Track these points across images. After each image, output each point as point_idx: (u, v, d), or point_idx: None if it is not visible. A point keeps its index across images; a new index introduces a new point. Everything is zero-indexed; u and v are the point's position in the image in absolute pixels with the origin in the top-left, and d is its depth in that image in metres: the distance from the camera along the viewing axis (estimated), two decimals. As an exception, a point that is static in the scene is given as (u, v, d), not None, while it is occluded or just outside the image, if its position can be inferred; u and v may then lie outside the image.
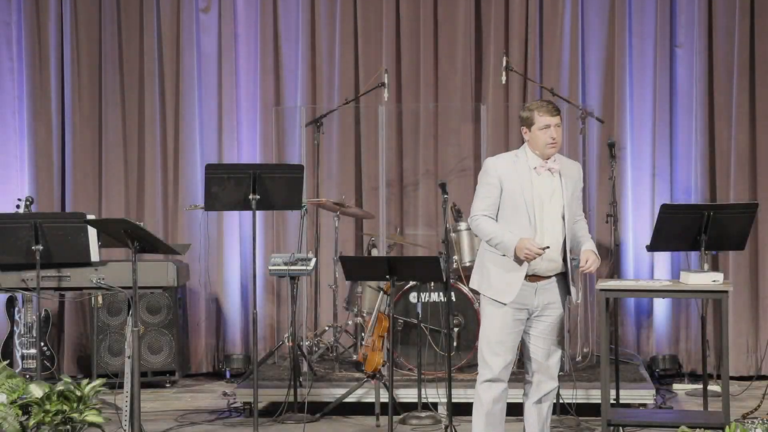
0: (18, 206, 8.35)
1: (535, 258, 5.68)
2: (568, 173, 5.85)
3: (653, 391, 7.64)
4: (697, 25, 9.02)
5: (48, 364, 8.73)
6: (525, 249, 5.66)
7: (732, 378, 8.73)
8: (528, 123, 5.80)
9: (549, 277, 5.83)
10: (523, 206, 5.74)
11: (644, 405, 7.57)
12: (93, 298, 8.56)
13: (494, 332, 5.84)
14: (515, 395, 7.63)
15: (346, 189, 9.16)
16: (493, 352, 5.83)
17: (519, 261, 5.72)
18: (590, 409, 7.38)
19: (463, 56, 9.21)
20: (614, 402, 7.39)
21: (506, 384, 5.93)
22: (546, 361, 5.91)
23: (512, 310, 5.81)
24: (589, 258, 5.81)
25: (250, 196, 7.12)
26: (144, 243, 6.31)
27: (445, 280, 7.15)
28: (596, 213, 8.95)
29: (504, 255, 5.75)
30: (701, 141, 9.04)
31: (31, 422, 6.12)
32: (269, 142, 9.26)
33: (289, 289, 7.79)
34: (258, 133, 9.36)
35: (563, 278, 5.87)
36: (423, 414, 7.35)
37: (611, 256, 8.46)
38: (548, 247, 5.69)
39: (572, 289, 5.90)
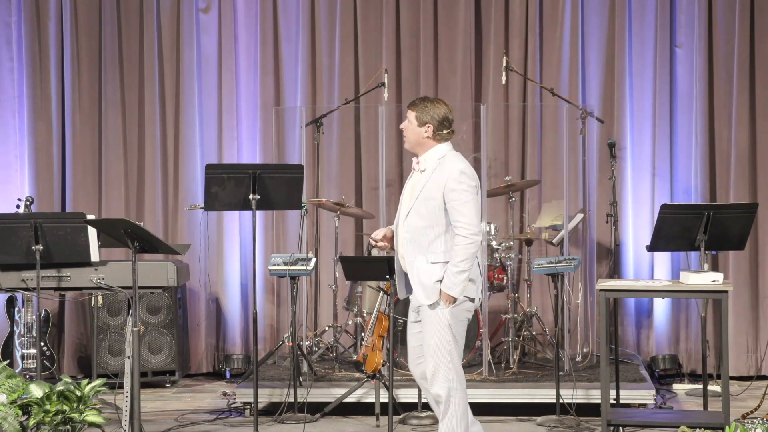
0: (18, 206, 8.35)
1: (377, 248, 6.02)
2: (438, 174, 5.79)
3: (653, 391, 7.64)
4: (697, 25, 9.02)
5: (48, 364, 8.73)
6: None
7: (732, 378, 8.74)
8: None
9: None
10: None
11: (644, 405, 7.57)
12: (93, 298, 8.58)
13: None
14: (516, 396, 7.66)
15: (346, 189, 9.16)
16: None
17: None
18: (590, 409, 7.38)
19: (463, 56, 9.21)
20: (614, 402, 7.39)
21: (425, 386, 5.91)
22: (416, 359, 5.90)
23: (410, 312, 5.94)
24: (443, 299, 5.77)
25: (250, 196, 7.12)
26: (144, 243, 6.31)
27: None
28: (596, 213, 8.95)
29: None
30: (701, 141, 9.04)
31: (31, 422, 6.12)
32: (269, 142, 9.26)
33: (289, 289, 7.79)
34: (258, 133, 9.36)
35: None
36: (423, 414, 7.35)
37: (611, 256, 8.46)
38: (371, 237, 5.96)
39: (416, 291, 5.77)
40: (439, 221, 5.73)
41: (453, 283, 5.69)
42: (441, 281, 5.71)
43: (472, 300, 5.78)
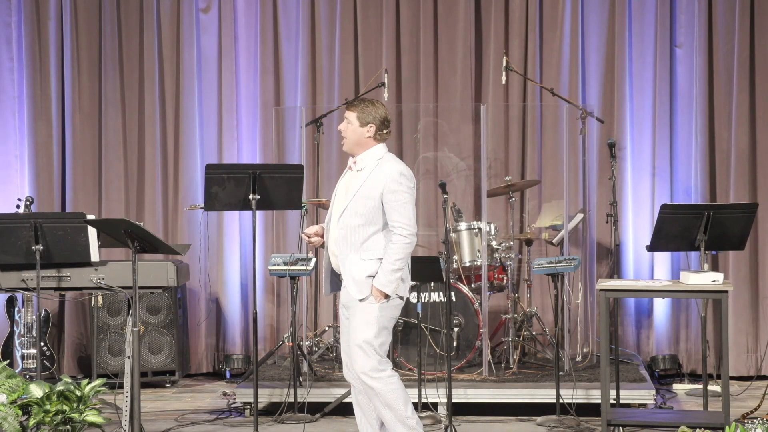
0: (18, 206, 8.36)
1: (309, 243, 6.01)
2: (377, 174, 5.82)
3: (653, 391, 7.64)
4: (697, 25, 9.02)
5: (48, 364, 8.73)
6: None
7: (732, 378, 8.74)
8: None
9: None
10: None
11: (644, 405, 7.57)
12: (93, 298, 8.58)
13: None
14: (516, 396, 7.66)
15: (346, 189, 9.15)
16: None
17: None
18: (590, 409, 7.38)
19: (463, 56, 9.21)
20: (614, 402, 7.39)
21: (355, 386, 5.92)
22: (349, 358, 5.87)
23: (340, 308, 5.96)
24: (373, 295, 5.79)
25: (250, 196, 7.13)
26: (144, 243, 6.31)
27: (445, 280, 7.16)
28: (596, 213, 8.95)
29: None
30: (701, 141, 9.04)
31: (31, 422, 6.12)
32: (269, 142, 9.26)
33: (289, 289, 7.79)
34: (258, 133, 9.36)
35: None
36: (423, 414, 7.35)
37: (611, 256, 8.46)
38: (303, 233, 6.00)
39: (347, 284, 5.79)
40: (375, 220, 5.79)
41: (388, 281, 5.76)
42: (373, 276, 5.76)
43: (401, 298, 5.87)
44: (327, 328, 8.76)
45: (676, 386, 8.67)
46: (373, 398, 5.82)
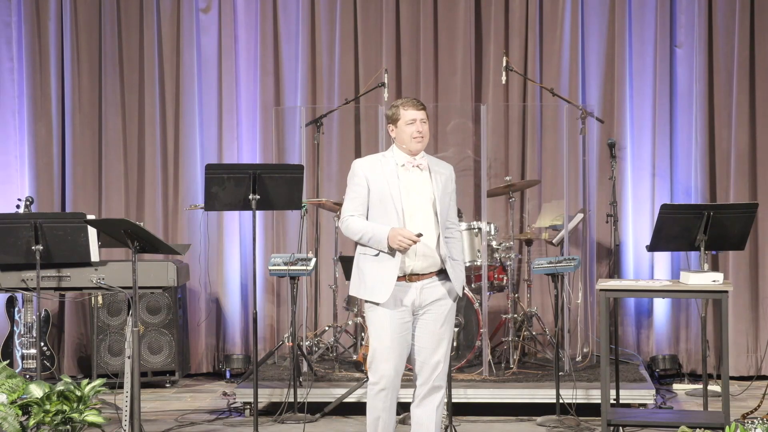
0: (18, 206, 8.36)
1: (409, 246, 5.52)
2: (439, 171, 5.77)
3: (653, 391, 7.64)
4: (697, 25, 9.02)
5: (48, 364, 8.73)
6: (398, 237, 5.51)
7: (732, 378, 8.74)
8: (394, 119, 5.77)
9: (430, 275, 5.67)
10: (390, 202, 5.65)
11: (644, 405, 7.57)
12: (93, 298, 8.58)
13: (384, 337, 5.64)
14: (516, 396, 7.66)
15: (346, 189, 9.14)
16: (384, 358, 5.65)
17: (392, 254, 5.57)
18: (590, 409, 7.38)
19: (463, 56, 9.22)
20: (614, 402, 7.39)
21: (397, 392, 5.79)
22: (430, 359, 5.71)
23: (395, 312, 5.63)
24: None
25: (250, 196, 7.13)
26: (144, 243, 6.31)
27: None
28: (596, 213, 8.95)
29: (378, 254, 5.62)
30: (701, 141, 9.04)
31: (31, 422, 6.12)
32: (269, 142, 9.26)
33: (289, 289, 7.79)
34: (258, 133, 9.37)
35: (446, 274, 5.69)
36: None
37: (611, 256, 8.46)
38: (421, 234, 5.53)
39: (456, 284, 5.68)
40: (444, 218, 5.78)
41: (464, 276, 5.89)
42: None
43: None
44: (327, 328, 8.76)
45: (676, 386, 8.67)
46: (434, 398, 5.78)
